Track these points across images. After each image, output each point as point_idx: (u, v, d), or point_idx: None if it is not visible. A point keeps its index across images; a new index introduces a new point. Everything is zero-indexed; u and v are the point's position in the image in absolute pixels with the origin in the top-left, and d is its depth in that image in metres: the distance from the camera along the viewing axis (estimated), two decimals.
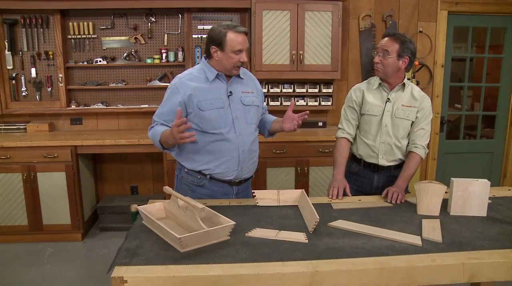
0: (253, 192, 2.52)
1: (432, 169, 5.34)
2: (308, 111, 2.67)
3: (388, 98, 2.80)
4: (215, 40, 2.51)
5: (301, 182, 4.41)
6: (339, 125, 2.99)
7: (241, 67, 2.71)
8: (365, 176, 2.94)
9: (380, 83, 2.83)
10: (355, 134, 2.95)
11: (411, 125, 2.82)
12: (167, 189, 2.31)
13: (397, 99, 2.80)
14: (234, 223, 2.02)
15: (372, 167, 2.90)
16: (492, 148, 5.53)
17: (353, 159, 3.01)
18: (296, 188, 4.33)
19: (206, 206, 2.41)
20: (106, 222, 4.69)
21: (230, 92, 2.61)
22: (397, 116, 2.79)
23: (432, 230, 2.13)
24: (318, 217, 2.07)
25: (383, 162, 2.85)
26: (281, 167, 4.36)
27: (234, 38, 2.47)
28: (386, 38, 2.73)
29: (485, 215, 2.37)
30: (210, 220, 2.14)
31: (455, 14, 5.05)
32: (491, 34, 5.23)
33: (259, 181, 4.28)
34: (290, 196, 2.51)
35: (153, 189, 5.14)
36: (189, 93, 2.53)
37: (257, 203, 2.50)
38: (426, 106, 2.82)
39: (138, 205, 2.41)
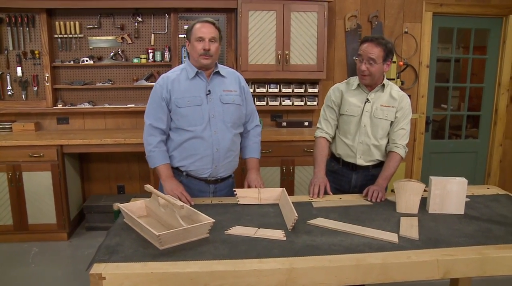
0: (234, 190, 2.54)
1: (417, 169, 5.39)
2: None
3: (367, 99, 2.81)
4: (187, 34, 2.63)
5: (287, 181, 4.43)
6: (318, 125, 3.01)
7: (226, 67, 2.79)
8: (344, 174, 2.96)
9: (359, 84, 2.84)
10: (335, 134, 2.97)
11: (390, 125, 2.83)
12: (148, 187, 2.32)
13: (376, 99, 2.81)
14: (213, 220, 2.04)
15: (351, 166, 2.92)
16: (476, 148, 5.60)
17: (333, 157, 3.03)
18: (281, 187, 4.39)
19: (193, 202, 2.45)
20: (92, 222, 4.68)
21: (209, 90, 2.64)
22: (376, 116, 2.80)
23: (410, 228, 2.16)
24: (297, 215, 2.09)
25: (361, 161, 2.87)
26: (267, 167, 4.37)
27: (197, 27, 2.57)
28: (367, 44, 2.69)
29: (463, 213, 2.40)
30: (190, 218, 2.16)
31: (440, 15, 5.10)
32: (477, 35, 5.29)
33: (244, 180, 4.28)
34: (271, 194, 2.54)
35: (139, 188, 5.13)
36: (169, 89, 2.61)
37: (238, 201, 2.52)
38: (405, 105, 2.83)
39: (121, 204, 2.43)
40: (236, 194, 2.53)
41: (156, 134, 2.65)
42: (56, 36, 4.66)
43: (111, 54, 4.77)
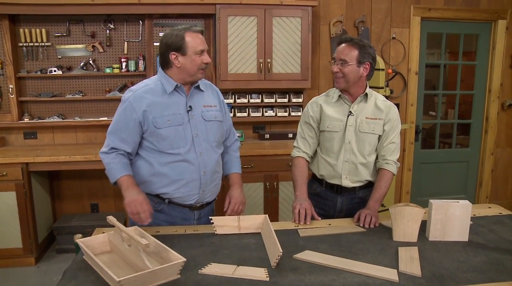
0: (211, 219, 2.25)
1: (407, 180, 5.17)
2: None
3: (350, 111, 2.53)
4: (173, 45, 2.27)
5: (270, 198, 4.17)
6: (295, 144, 2.72)
7: (202, 79, 2.48)
8: (328, 198, 2.66)
9: (340, 95, 2.56)
10: (315, 153, 2.68)
11: (378, 139, 2.56)
12: (110, 219, 2.02)
13: (360, 111, 2.53)
14: (185, 260, 1.75)
15: (335, 188, 2.62)
16: (467, 157, 5.41)
17: (315, 178, 2.73)
18: (265, 205, 4.16)
19: (159, 234, 2.18)
20: (63, 243, 4.36)
21: (190, 107, 2.35)
22: (361, 130, 2.52)
23: (410, 261, 1.90)
24: (281, 250, 1.81)
25: (346, 182, 2.57)
26: (249, 183, 4.09)
27: (193, 39, 2.26)
28: (342, 45, 2.45)
29: (467, 240, 2.15)
30: (159, 255, 1.87)
31: (428, 20, 4.90)
32: (464, 41, 5.11)
33: (224, 199, 4.01)
34: (252, 222, 2.25)
35: (114, 206, 4.82)
36: (143, 109, 2.27)
37: (215, 231, 2.23)
38: (394, 116, 2.56)
39: (83, 237, 2.15)
40: (212, 223, 2.24)
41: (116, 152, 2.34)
42: (20, 44, 4.34)
43: (82, 63, 4.46)
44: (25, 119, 4.43)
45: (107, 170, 2.33)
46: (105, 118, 4.53)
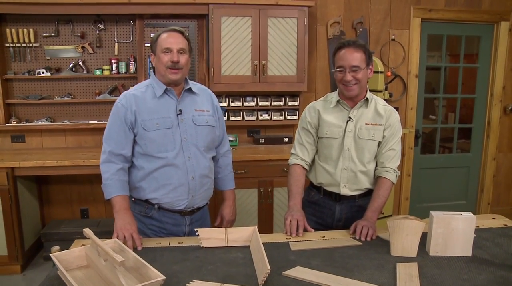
0: (196, 231, 2.11)
1: (406, 186, 5.03)
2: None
3: (350, 117, 2.40)
4: (151, 46, 2.32)
5: (265, 205, 4.02)
6: (292, 150, 2.58)
7: (196, 83, 2.49)
8: (326, 206, 2.52)
9: (338, 100, 2.43)
10: (313, 160, 2.54)
11: (378, 146, 2.43)
12: (86, 232, 1.88)
13: (359, 117, 2.40)
14: (164, 278, 1.61)
15: (334, 196, 2.48)
16: (468, 162, 5.26)
17: (312, 186, 2.60)
18: (259, 212, 4.02)
19: (142, 246, 2.03)
20: (51, 250, 4.21)
21: (180, 110, 2.31)
22: (360, 137, 2.39)
23: (409, 279, 1.75)
24: (269, 268, 1.67)
25: (345, 191, 2.44)
26: (243, 189, 3.95)
27: (163, 37, 2.27)
28: (345, 51, 2.30)
29: (470, 255, 2.00)
30: (138, 271, 1.73)
31: (428, 21, 4.76)
32: (465, 43, 4.98)
33: (217, 205, 3.85)
34: (240, 234, 2.11)
35: (105, 212, 4.67)
36: (134, 110, 2.26)
37: (201, 243, 2.09)
38: (394, 122, 2.43)
39: (60, 249, 2.02)
40: (198, 235, 2.10)
41: (117, 161, 2.29)
42: (7, 45, 4.19)
43: (71, 65, 4.32)
44: (12, 122, 4.29)
45: (104, 184, 2.31)
46: (95, 122, 4.39)
